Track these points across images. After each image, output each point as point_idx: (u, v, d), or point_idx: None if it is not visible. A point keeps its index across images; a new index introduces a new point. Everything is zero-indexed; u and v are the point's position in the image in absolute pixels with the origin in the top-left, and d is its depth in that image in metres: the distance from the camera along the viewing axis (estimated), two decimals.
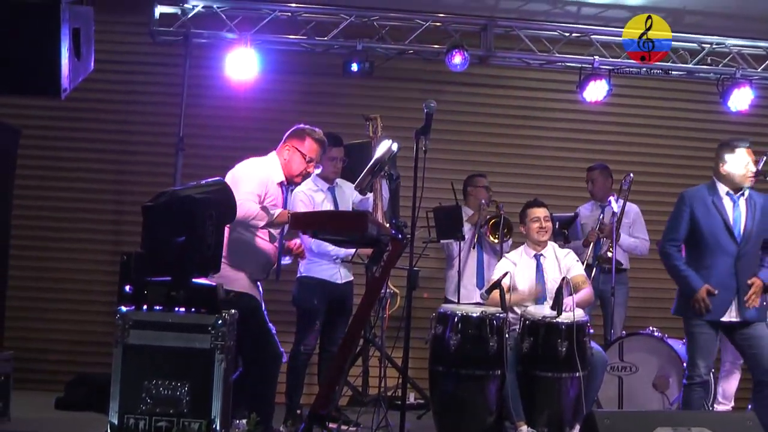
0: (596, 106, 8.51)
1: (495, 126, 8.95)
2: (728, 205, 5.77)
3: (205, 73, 8.25)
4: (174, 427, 4.33)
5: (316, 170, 5.88)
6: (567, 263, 6.58)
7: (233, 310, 4.62)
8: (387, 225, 5.73)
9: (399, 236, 5.10)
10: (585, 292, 6.48)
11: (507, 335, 5.96)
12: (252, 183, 5.36)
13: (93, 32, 4.54)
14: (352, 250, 6.45)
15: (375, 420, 5.89)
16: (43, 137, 8.29)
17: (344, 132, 7.05)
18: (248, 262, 5.46)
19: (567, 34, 8.48)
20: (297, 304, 6.65)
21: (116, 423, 4.34)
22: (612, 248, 7.42)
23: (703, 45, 8.52)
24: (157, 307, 4.47)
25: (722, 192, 5.80)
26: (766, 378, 5.65)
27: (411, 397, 7.51)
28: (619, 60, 8.38)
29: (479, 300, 6.67)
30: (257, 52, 7.86)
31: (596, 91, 8.31)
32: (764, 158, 6.53)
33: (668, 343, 7.06)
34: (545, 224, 6.61)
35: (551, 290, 6.24)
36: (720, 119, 8.77)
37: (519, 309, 6.32)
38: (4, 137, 7.31)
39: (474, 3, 8.47)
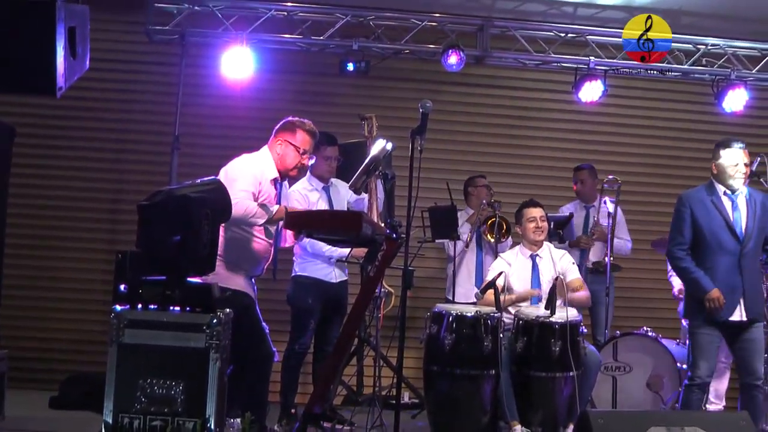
0: (592, 107, 8.52)
1: (491, 126, 8.96)
2: (727, 204, 5.76)
3: (201, 72, 8.24)
4: (168, 426, 4.32)
5: (311, 161, 5.84)
6: (563, 266, 6.59)
7: (228, 309, 4.61)
8: (382, 225, 5.73)
9: (394, 236, 5.10)
10: (582, 295, 6.50)
11: (501, 335, 5.97)
12: (247, 180, 5.33)
13: (89, 31, 4.55)
14: (347, 251, 6.45)
15: (369, 419, 5.87)
16: (39, 136, 8.29)
17: (340, 131, 7.06)
18: (244, 261, 5.44)
19: (563, 35, 8.49)
20: (292, 304, 6.65)
21: (111, 422, 4.34)
22: (609, 251, 7.45)
23: (699, 46, 8.53)
24: (152, 306, 4.46)
25: (720, 191, 5.79)
26: (752, 380, 5.69)
27: (405, 397, 7.53)
28: (615, 61, 8.40)
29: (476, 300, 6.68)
30: (253, 51, 7.86)
31: (592, 92, 8.33)
32: (758, 159, 6.54)
33: (662, 344, 7.07)
34: (541, 224, 6.63)
35: (546, 291, 6.26)
36: (715, 120, 8.78)
37: (513, 308, 6.33)
38: None
39: (470, 3, 8.48)
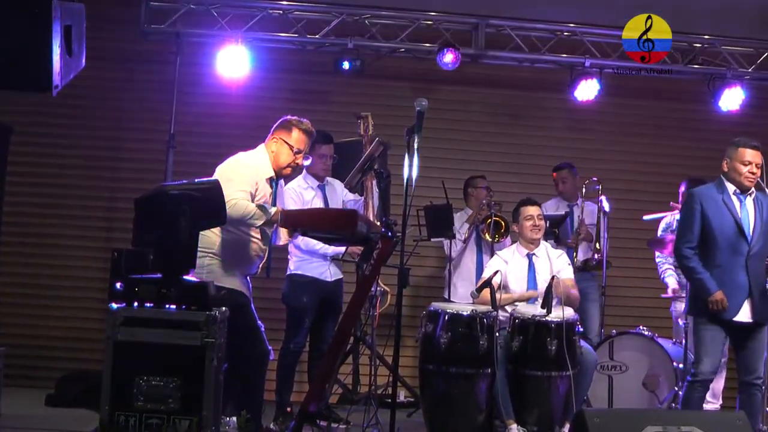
0: (587, 106, 8.52)
1: (486, 125, 8.97)
2: (737, 204, 5.74)
3: (197, 71, 8.22)
4: (164, 424, 4.32)
5: (306, 161, 5.82)
6: (559, 265, 6.60)
7: (224, 308, 4.61)
8: (378, 223, 5.72)
9: (389, 234, 5.10)
10: (572, 294, 6.50)
11: (497, 334, 5.97)
12: (243, 180, 5.28)
13: (85, 29, 4.54)
14: (342, 249, 6.46)
15: (365, 418, 5.89)
16: (35, 134, 8.26)
17: (335, 130, 7.06)
18: (239, 260, 5.40)
19: (558, 34, 8.49)
20: (287, 302, 6.65)
21: (106, 420, 4.33)
22: (604, 249, 7.46)
23: (695, 45, 8.55)
24: (148, 304, 4.46)
25: (730, 191, 5.77)
26: (752, 379, 5.69)
27: (401, 396, 7.52)
28: (610, 60, 8.40)
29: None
30: (248, 50, 7.85)
31: (587, 91, 8.34)
32: None
33: (658, 343, 7.07)
34: (538, 222, 6.63)
35: (542, 290, 6.26)
36: (711, 119, 8.79)
37: (509, 307, 6.34)
38: None
39: (465, 2, 8.47)
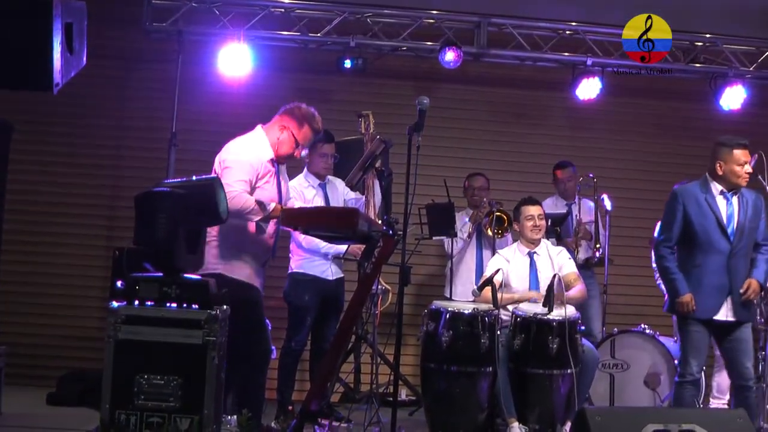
0: (589, 104, 8.52)
1: (488, 123, 8.97)
2: (721, 204, 5.75)
3: (198, 69, 8.22)
4: (165, 423, 4.32)
5: (303, 152, 5.74)
6: (560, 261, 6.60)
7: (225, 306, 4.60)
8: (379, 222, 5.72)
9: (390, 233, 5.10)
10: (577, 289, 6.50)
11: (499, 332, 5.97)
12: (242, 169, 5.22)
13: (86, 27, 4.53)
14: (343, 248, 6.45)
15: (367, 417, 5.89)
16: (36, 132, 8.25)
17: (336, 128, 7.05)
18: (247, 246, 5.32)
19: (560, 33, 8.49)
20: (288, 300, 6.65)
21: (107, 418, 4.33)
22: (600, 248, 7.46)
23: (696, 44, 8.54)
24: (149, 303, 4.46)
25: (715, 191, 5.78)
26: (742, 382, 5.71)
27: (402, 394, 7.52)
28: (612, 59, 8.40)
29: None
30: (250, 48, 7.86)
31: (589, 90, 8.34)
32: (755, 157, 6.53)
33: (660, 341, 7.08)
34: (539, 222, 6.63)
35: (544, 288, 6.26)
36: (712, 118, 8.78)
37: (511, 306, 6.33)
38: None
39: (467, 0, 8.46)
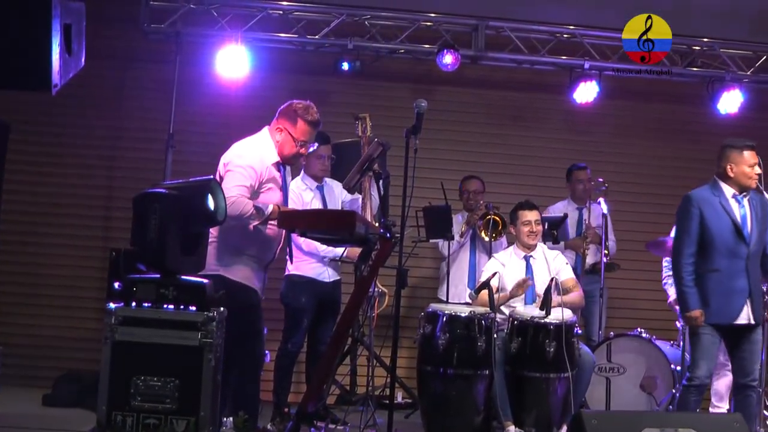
0: (586, 108, 8.53)
1: (485, 126, 8.97)
2: (735, 207, 5.72)
3: (196, 71, 8.22)
4: (162, 425, 4.32)
5: (311, 148, 5.68)
6: (556, 266, 6.61)
7: (222, 308, 4.60)
8: (376, 224, 5.71)
9: (388, 235, 5.09)
10: (575, 295, 6.51)
11: (495, 335, 5.97)
12: (244, 174, 5.18)
13: (84, 28, 4.53)
14: (341, 250, 6.45)
15: (363, 419, 5.89)
16: (33, 133, 8.24)
17: (334, 131, 7.05)
18: (247, 248, 5.28)
19: (557, 36, 8.50)
20: (285, 302, 6.64)
21: (104, 420, 4.33)
22: (602, 251, 7.46)
23: (694, 48, 8.56)
24: (146, 304, 4.45)
25: (728, 193, 5.74)
26: (748, 381, 5.69)
27: (399, 397, 7.53)
28: (610, 62, 8.41)
29: (468, 300, 6.68)
30: (248, 50, 7.86)
31: (586, 93, 8.35)
32: None
33: (656, 345, 7.09)
34: (536, 228, 6.64)
35: (540, 291, 6.27)
36: (709, 122, 8.79)
37: (507, 309, 6.34)
38: None
39: (465, 3, 8.47)
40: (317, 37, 8.21)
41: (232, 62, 7.83)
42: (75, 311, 8.27)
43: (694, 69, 8.60)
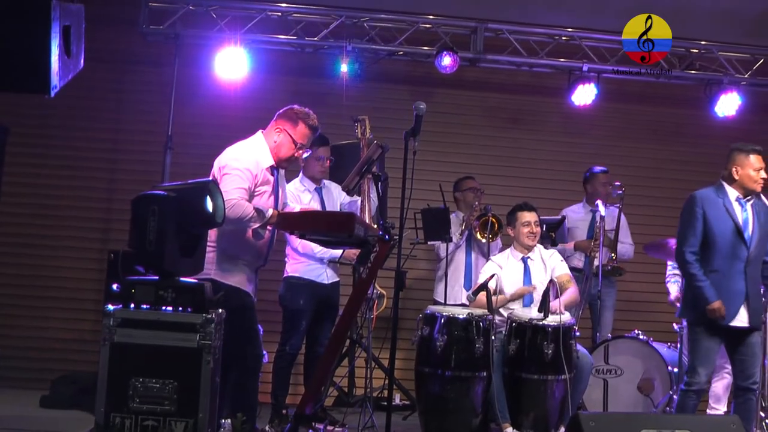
0: (584, 110, 8.54)
1: (484, 128, 8.98)
2: (738, 210, 5.75)
3: (195, 72, 8.23)
4: (160, 426, 4.32)
5: (305, 154, 5.68)
6: (552, 263, 6.62)
7: (220, 310, 4.61)
8: (375, 226, 5.71)
9: (386, 237, 5.10)
10: (570, 292, 6.51)
11: (493, 337, 5.98)
12: (241, 176, 5.16)
13: (84, 30, 4.53)
14: (339, 252, 6.45)
15: (361, 421, 5.89)
16: (32, 135, 8.24)
17: (333, 133, 7.05)
18: (241, 252, 5.28)
19: (556, 38, 8.51)
20: (283, 304, 6.64)
21: (102, 422, 4.33)
22: (615, 258, 7.50)
23: (692, 50, 8.57)
24: (145, 306, 4.45)
25: (732, 196, 5.77)
26: (748, 384, 5.70)
27: (397, 398, 7.53)
28: (608, 64, 8.42)
29: (466, 301, 6.68)
30: (247, 52, 7.88)
31: (585, 95, 8.36)
32: None
33: (653, 347, 7.09)
34: (535, 229, 6.65)
35: (538, 293, 6.28)
36: (707, 124, 8.81)
37: (506, 311, 6.34)
38: None
39: (464, 5, 8.48)
40: (316, 39, 8.22)
41: (231, 64, 7.84)
42: (73, 313, 8.26)
43: (692, 72, 8.62)
